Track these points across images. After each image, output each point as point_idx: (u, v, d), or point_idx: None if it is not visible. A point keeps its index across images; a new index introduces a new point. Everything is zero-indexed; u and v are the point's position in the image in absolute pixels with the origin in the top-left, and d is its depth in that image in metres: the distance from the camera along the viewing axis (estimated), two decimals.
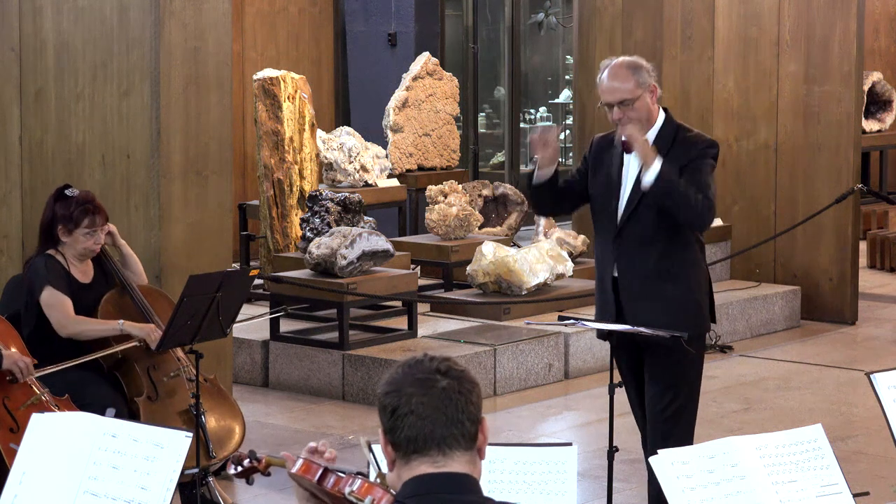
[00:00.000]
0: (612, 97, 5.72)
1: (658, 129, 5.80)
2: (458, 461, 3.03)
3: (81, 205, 6.45)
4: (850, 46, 10.72)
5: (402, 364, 3.11)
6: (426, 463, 3.02)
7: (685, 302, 5.79)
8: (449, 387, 3.04)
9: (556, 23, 16.04)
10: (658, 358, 5.82)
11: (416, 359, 3.12)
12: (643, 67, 5.76)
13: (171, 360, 6.61)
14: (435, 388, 3.04)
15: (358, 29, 13.19)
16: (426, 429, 3.01)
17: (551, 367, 9.23)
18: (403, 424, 3.02)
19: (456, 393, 3.04)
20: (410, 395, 3.03)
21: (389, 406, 3.04)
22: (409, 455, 3.03)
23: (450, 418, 3.02)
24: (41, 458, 4.08)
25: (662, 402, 5.82)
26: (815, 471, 4.10)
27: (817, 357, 9.90)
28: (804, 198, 10.92)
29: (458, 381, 3.06)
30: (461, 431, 3.03)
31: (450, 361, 3.10)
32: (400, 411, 3.02)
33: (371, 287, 9.02)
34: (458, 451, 3.03)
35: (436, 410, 3.02)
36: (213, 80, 7.13)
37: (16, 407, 6.09)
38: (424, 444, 3.02)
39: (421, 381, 3.05)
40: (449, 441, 3.02)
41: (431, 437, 3.01)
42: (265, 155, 10.38)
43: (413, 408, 3.02)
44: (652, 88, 5.75)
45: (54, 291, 6.41)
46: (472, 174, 13.52)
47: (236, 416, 6.73)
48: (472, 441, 3.05)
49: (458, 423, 3.03)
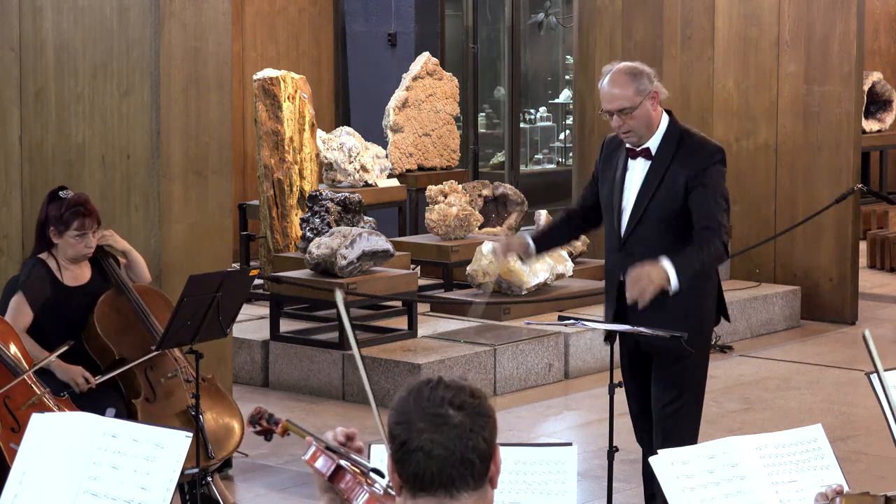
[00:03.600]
0: (612, 105, 5.71)
1: (662, 135, 5.76)
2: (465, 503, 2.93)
3: (72, 207, 6.42)
4: (850, 46, 10.72)
5: (415, 389, 2.96)
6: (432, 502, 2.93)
7: (691, 309, 5.77)
8: (461, 424, 2.90)
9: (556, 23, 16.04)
10: (664, 359, 5.81)
11: (430, 385, 2.95)
12: (644, 74, 5.73)
13: (169, 361, 6.60)
14: (447, 424, 2.90)
15: (358, 29, 13.20)
16: (434, 468, 2.89)
17: (551, 367, 9.23)
18: (412, 460, 2.90)
19: (468, 431, 2.90)
20: (421, 430, 2.90)
21: (398, 437, 2.93)
22: (415, 492, 2.93)
23: (459, 459, 2.90)
24: (41, 458, 4.08)
25: (665, 400, 5.82)
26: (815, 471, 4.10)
27: (817, 357, 9.90)
28: (804, 198, 10.92)
29: (471, 417, 2.92)
30: (470, 472, 2.91)
31: (464, 393, 2.94)
32: (408, 446, 2.90)
33: (371, 287, 9.02)
34: (465, 492, 2.92)
35: (445, 450, 2.89)
36: (213, 80, 7.13)
37: (17, 406, 6.09)
38: (431, 484, 2.91)
39: (432, 416, 2.90)
40: (458, 483, 2.91)
41: (439, 477, 2.90)
42: (265, 155, 10.38)
43: (422, 444, 2.89)
44: (653, 95, 5.72)
45: (21, 300, 6.41)
46: (472, 174, 13.52)
47: (235, 415, 6.72)
48: (481, 479, 2.94)
49: (468, 464, 2.91)
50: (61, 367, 6.34)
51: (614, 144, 5.91)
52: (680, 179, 5.71)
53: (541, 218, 10.55)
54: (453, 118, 11.97)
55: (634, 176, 5.79)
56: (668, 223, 5.73)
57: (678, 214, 5.73)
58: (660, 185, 5.72)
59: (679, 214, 5.73)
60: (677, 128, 5.81)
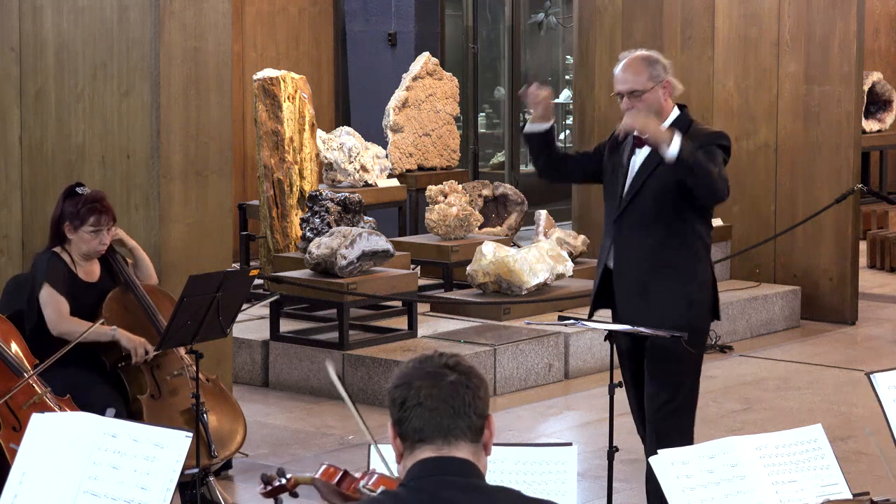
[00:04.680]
0: (624, 86, 5.81)
1: (669, 124, 5.80)
2: (463, 450, 3.12)
3: (89, 203, 6.48)
4: (850, 46, 10.72)
5: (413, 360, 3.20)
6: (430, 449, 3.11)
7: (674, 300, 5.78)
8: (457, 381, 3.13)
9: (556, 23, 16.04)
10: (656, 356, 5.83)
11: (427, 355, 3.20)
12: (659, 62, 5.84)
13: (175, 358, 6.62)
14: (443, 381, 3.12)
15: (358, 29, 13.20)
16: (433, 420, 3.10)
17: (551, 367, 9.23)
18: (411, 416, 3.11)
19: (464, 387, 3.13)
20: (419, 387, 3.12)
21: (398, 398, 3.13)
22: (414, 444, 3.12)
23: (457, 411, 3.11)
24: (41, 457, 4.08)
25: (660, 399, 5.84)
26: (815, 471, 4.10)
27: (817, 357, 9.90)
28: (804, 198, 10.92)
29: (466, 377, 3.14)
30: (468, 424, 3.11)
31: (458, 357, 3.18)
32: (408, 403, 3.11)
33: (371, 287, 9.02)
34: (463, 441, 3.12)
35: (443, 402, 3.11)
36: (213, 80, 7.13)
37: (18, 406, 6.09)
38: (430, 434, 3.10)
39: (430, 374, 3.13)
40: (455, 432, 3.11)
41: (438, 427, 3.10)
42: (265, 155, 10.38)
43: (421, 399, 3.11)
44: (665, 84, 5.82)
45: (51, 290, 6.42)
46: (472, 174, 13.52)
47: (238, 416, 6.73)
48: (477, 434, 3.14)
49: (465, 416, 3.11)
50: (125, 336, 6.41)
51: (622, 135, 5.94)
52: None
53: (541, 218, 10.55)
54: (453, 118, 11.97)
55: (639, 156, 5.83)
56: (664, 199, 5.74)
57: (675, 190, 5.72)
58: (661, 162, 5.71)
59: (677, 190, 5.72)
60: (687, 119, 5.86)
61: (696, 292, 5.84)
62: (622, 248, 5.86)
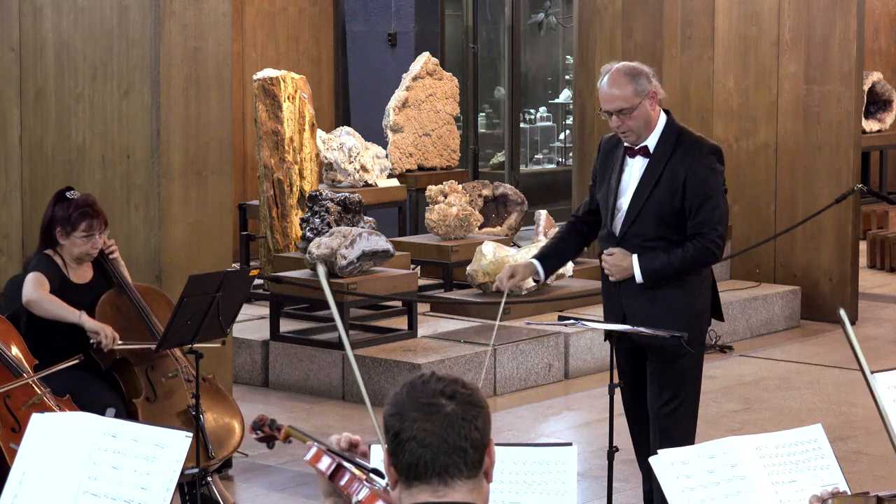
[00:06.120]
0: (611, 106, 5.75)
1: (659, 134, 5.80)
2: (460, 491, 2.97)
3: (80, 208, 6.45)
4: (850, 46, 10.72)
5: (408, 384, 3.02)
6: (427, 492, 2.96)
7: (686, 307, 5.80)
8: (453, 413, 2.95)
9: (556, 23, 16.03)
10: (659, 357, 5.83)
11: (423, 378, 3.01)
12: (642, 74, 5.77)
13: (170, 360, 6.61)
14: (439, 413, 2.95)
15: (358, 29, 13.19)
16: (427, 456, 2.94)
17: (551, 367, 9.23)
18: (405, 450, 2.95)
19: (460, 420, 2.95)
20: (413, 420, 2.95)
21: (392, 430, 2.98)
22: (410, 481, 2.97)
23: (452, 446, 2.94)
24: (41, 458, 4.08)
25: (661, 400, 5.84)
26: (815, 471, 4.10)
27: (817, 357, 9.90)
28: (804, 198, 10.92)
29: (463, 407, 2.97)
30: (464, 460, 2.95)
31: (457, 384, 2.99)
32: (402, 436, 2.95)
33: (371, 287, 9.02)
34: (459, 480, 2.96)
35: (438, 438, 2.94)
36: (213, 80, 7.13)
37: (17, 406, 6.09)
38: (425, 472, 2.95)
39: (425, 405, 2.96)
40: (451, 470, 2.95)
41: (433, 464, 2.94)
42: (265, 155, 10.38)
43: (415, 433, 2.94)
44: (651, 94, 5.76)
45: (35, 275, 6.41)
46: (472, 174, 13.52)
47: (235, 415, 6.72)
48: (475, 468, 2.98)
49: (461, 451, 2.95)
50: (90, 321, 6.38)
51: (611, 144, 5.94)
52: (678, 177, 5.73)
53: (541, 218, 10.55)
54: (453, 118, 11.97)
55: (632, 174, 5.82)
56: (664, 222, 5.75)
57: (675, 212, 5.75)
58: (657, 183, 5.75)
59: (676, 212, 5.75)
60: (675, 127, 5.84)
61: (700, 296, 5.85)
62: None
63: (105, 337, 6.36)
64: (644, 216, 5.76)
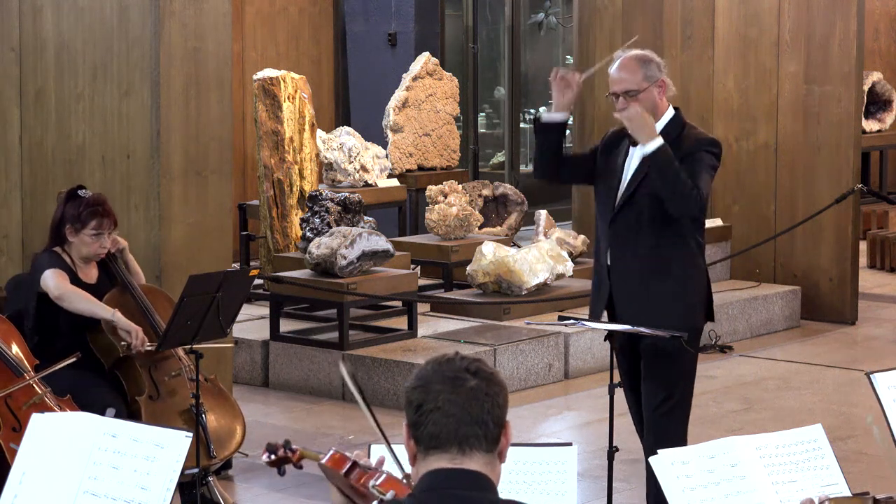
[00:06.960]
0: (619, 87, 5.79)
1: (664, 124, 5.82)
2: (477, 461, 3.04)
3: (91, 207, 6.48)
4: (850, 46, 10.72)
5: (433, 360, 3.11)
6: (444, 459, 3.04)
7: (674, 299, 5.80)
8: (477, 387, 3.05)
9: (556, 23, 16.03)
10: (653, 355, 5.83)
11: (447, 357, 3.11)
12: (653, 62, 5.83)
13: (173, 359, 6.62)
14: (463, 386, 3.04)
15: (358, 29, 13.19)
16: (450, 426, 3.03)
17: (551, 367, 9.23)
18: (428, 420, 3.03)
19: (483, 394, 3.05)
20: (438, 391, 3.04)
21: (416, 401, 3.06)
22: (428, 450, 3.05)
23: (474, 418, 3.03)
24: (41, 458, 4.08)
25: (657, 399, 5.84)
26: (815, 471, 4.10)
27: (817, 357, 9.90)
28: (804, 198, 10.92)
29: (486, 383, 3.06)
30: (484, 432, 3.04)
31: (480, 363, 3.10)
32: (426, 407, 3.04)
33: (371, 287, 9.02)
34: (478, 451, 3.04)
35: (461, 409, 3.03)
36: (213, 80, 7.13)
37: (18, 406, 6.10)
38: (446, 441, 3.03)
39: (450, 378, 3.05)
40: (471, 441, 3.04)
41: (454, 434, 3.03)
42: (265, 155, 10.38)
43: (440, 404, 3.03)
44: (660, 83, 5.81)
45: (55, 269, 6.42)
46: (472, 174, 13.52)
47: (237, 416, 6.73)
48: (493, 443, 3.06)
49: (482, 424, 3.04)
50: (124, 320, 6.39)
51: (616, 138, 5.94)
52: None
53: (541, 218, 10.55)
54: (453, 118, 11.97)
55: (634, 159, 5.83)
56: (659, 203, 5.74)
57: None
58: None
59: None
60: (681, 121, 5.87)
61: (693, 292, 5.86)
62: (619, 250, 5.87)
63: (136, 338, 6.38)
64: (640, 195, 5.78)
